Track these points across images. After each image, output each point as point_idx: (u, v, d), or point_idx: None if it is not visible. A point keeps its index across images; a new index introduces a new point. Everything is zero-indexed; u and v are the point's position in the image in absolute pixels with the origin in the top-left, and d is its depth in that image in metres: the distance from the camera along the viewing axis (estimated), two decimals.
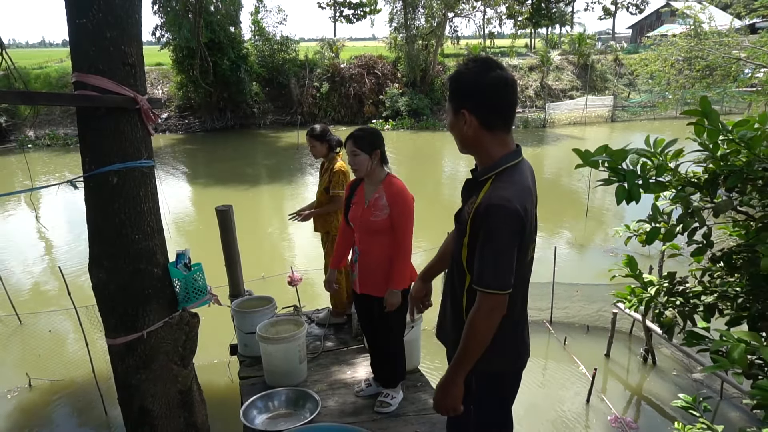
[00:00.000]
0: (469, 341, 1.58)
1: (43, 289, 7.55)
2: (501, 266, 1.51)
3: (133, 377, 2.15)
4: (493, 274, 1.51)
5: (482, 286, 1.54)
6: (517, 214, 1.49)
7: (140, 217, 2.12)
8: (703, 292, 1.40)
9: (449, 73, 1.69)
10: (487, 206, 1.51)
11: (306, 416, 2.89)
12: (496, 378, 1.76)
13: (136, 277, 2.13)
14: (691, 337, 1.29)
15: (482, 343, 1.58)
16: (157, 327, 2.14)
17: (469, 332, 1.58)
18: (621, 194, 1.21)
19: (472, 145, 1.65)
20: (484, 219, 1.52)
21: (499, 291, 1.52)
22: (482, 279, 1.53)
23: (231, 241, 4.01)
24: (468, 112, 1.58)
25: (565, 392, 4.92)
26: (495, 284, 1.52)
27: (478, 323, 1.56)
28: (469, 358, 1.60)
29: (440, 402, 1.69)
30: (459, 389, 1.64)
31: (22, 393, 4.99)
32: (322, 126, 3.94)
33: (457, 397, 1.65)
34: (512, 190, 1.52)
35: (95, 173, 1.99)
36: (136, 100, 2.00)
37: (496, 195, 1.51)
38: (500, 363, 1.73)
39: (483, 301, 1.55)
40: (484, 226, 1.52)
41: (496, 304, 1.54)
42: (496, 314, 1.55)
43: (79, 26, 1.92)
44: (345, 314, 4.17)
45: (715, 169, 1.16)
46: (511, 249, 1.52)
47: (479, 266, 1.54)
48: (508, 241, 1.51)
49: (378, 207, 2.70)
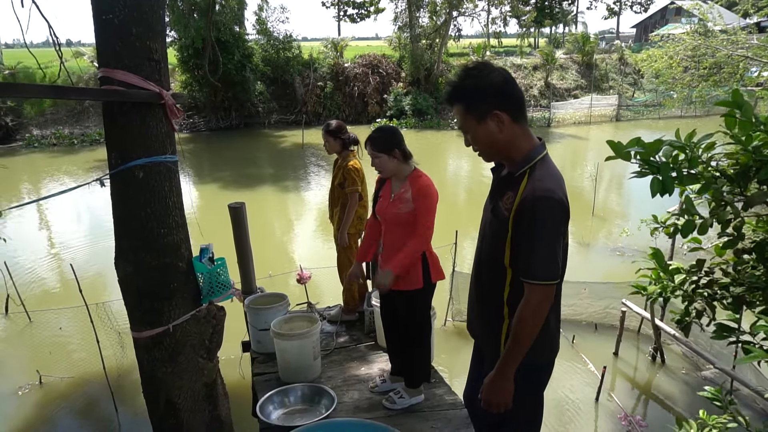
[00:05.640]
0: (520, 334, 1.58)
1: (49, 288, 7.59)
2: (550, 257, 1.52)
3: (159, 370, 2.17)
4: (543, 265, 1.52)
5: (532, 278, 1.54)
6: (562, 203, 1.52)
7: (165, 211, 2.15)
8: (731, 283, 1.41)
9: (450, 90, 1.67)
10: (533, 199, 1.52)
11: (322, 412, 2.91)
12: (538, 369, 1.77)
13: (161, 271, 2.16)
14: (721, 330, 1.30)
15: (532, 334, 1.58)
16: (183, 320, 2.16)
17: (519, 325, 1.58)
18: (656, 187, 1.21)
19: (505, 147, 1.65)
20: (531, 212, 1.52)
21: (549, 281, 1.53)
22: (531, 271, 1.54)
23: (244, 238, 4.03)
24: (500, 112, 1.59)
25: (575, 390, 4.92)
26: (545, 275, 1.53)
27: (527, 316, 1.56)
28: (520, 351, 1.60)
29: (492, 398, 1.69)
30: (510, 384, 1.65)
31: (33, 390, 5.02)
32: (338, 122, 3.94)
33: (509, 392, 1.66)
34: (552, 181, 1.55)
35: (122, 168, 2.01)
36: (161, 95, 2.03)
37: (540, 187, 1.53)
38: (544, 354, 1.74)
39: (533, 293, 1.55)
40: (531, 219, 1.53)
41: (547, 295, 1.55)
42: (546, 305, 1.56)
43: (105, 22, 1.95)
44: (356, 311, 4.19)
45: (746, 162, 1.17)
46: (558, 239, 1.54)
47: (528, 259, 1.55)
48: (556, 232, 1.53)
49: (403, 200, 2.72)
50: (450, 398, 3.14)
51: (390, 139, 2.73)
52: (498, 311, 1.69)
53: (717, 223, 1.22)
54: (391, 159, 2.71)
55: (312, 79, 24.17)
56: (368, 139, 2.77)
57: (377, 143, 2.71)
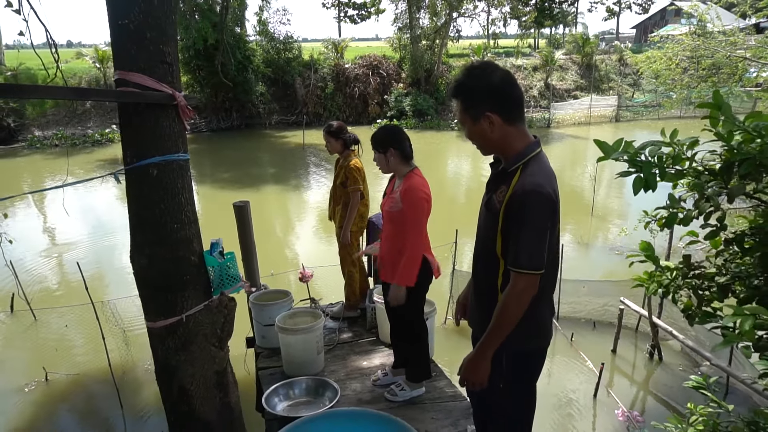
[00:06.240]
0: (501, 318, 1.67)
1: (52, 286, 7.66)
2: (535, 248, 1.61)
3: (173, 358, 2.27)
4: (528, 255, 1.61)
5: (517, 267, 1.63)
6: (550, 197, 1.61)
7: (178, 207, 2.24)
8: (717, 273, 1.50)
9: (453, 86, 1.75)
10: (522, 193, 1.61)
11: (325, 404, 2.99)
12: (525, 356, 1.84)
13: (175, 264, 2.25)
14: (704, 316, 1.38)
15: (513, 320, 1.67)
16: (195, 311, 2.26)
17: (502, 310, 1.67)
18: (638, 184, 1.29)
19: (498, 145, 1.74)
20: (519, 205, 1.62)
21: (532, 271, 1.62)
22: (517, 260, 1.63)
23: (248, 236, 4.12)
24: (492, 114, 1.67)
25: (573, 386, 5.00)
26: (529, 265, 1.61)
27: (510, 302, 1.65)
28: (499, 335, 1.69)
29: (469, 376, 1.79)
30: (487, 363, 1.74)
31: (39, 386, 5.09)
32: (339, 123, 4.03)
33: (485, 371, 1.75)
34: (542, 177, 1.63)
35: (137, 165, 2.10)
36: (174, 97, 2.12)
37: (530, 182, 1.62)
38: (531, 341, 1.82)
39: (517, 281, 1.64)
40: (519, 212, 1.62)
41: (529, 283, 1.63)
42: (528, 293, 1.64)
43: (122, 27, 2.04)
44: (358, 308, 4.27)
45: (729, 157, 1.26)
46: (544, 232, 1.62)
47: (515, 249, 1.64)
48: (542, 224, 1.62)
49: (393, 200, 2.81)
50: (450, 390, 3.22)
51: (387, 138, 2.82)
52: (492, 300, 1.77)
53: (698, 216, 1.31)
54: (387, 157, 2.80)
55: (313, 80, 24.27)
56: (371, 137, 2.89)
57: (374, 141, 2.84)
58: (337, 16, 41.22)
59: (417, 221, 2.73)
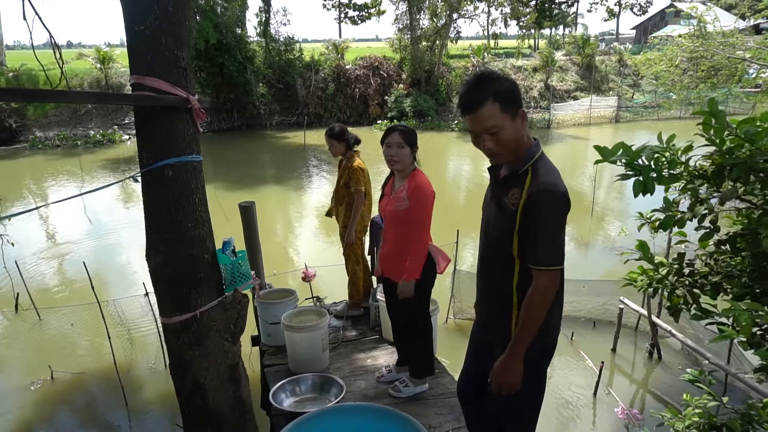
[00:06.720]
0: (529, 317, 1.71)
1: (54, 286, 7.71)
2: (556, 244, 1.67)
3: (187, 353, 2.34)
4: (550, 252, 1.66)
5: (539, 265, 1.67)
6: (565, 195, 1.68)
7: (192, 207, 2.32)
8: (709, 272, 1.56)
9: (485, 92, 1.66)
10: (539, 192, 1.66)
11: (331, 400, 3.05)
12: (542, 349, 1.88)
13: (189, 262, 2.33)
14: (699, 312, 1.45)
15: (540, 318, 1.71)
16: (209, 307, 2.33)
17: (529, 309, 1.71)
18: (638, 187, 1.36)
19: (520, 143, 1.77)
20: (537, 204, 1.66)
21: (555, 267, 1.67)
22: (540, 258, 1.67)
23: (253, 236, 4.17)
24: (523, 110, 1.74)
25: (573, 385, 5.05)
26: (552, 261, 1.66)
27: (536, 299, 1.69)
28: (529, 334, 1.73)
29: (503, 380, 1.79)
30: (520, 365, 1.77)
31: (45, 385, 5.13)
32: (341, 126, 4.12)
33: (518, 373, 1.77)
34: (555, 176, 1.71)
35: (153, 167, 2.17)
36: (188, 100, 2.19)
37: (545, 181, 1.68)
38: (549, 335, 1.87)
39: (541, 278, 1.68)
40: (538, 211, 1.66)
41: (554, 280, 1.68)
42: (553, 289, 1.69)
43: (138, 33, 2.11)
44: (361, 307, 4.34)
45: (721, 162, 1.32)
46: (562, 228, 1.69)
47: (536, 247, 1.67)
48: (560, 221, 1.68)
49: (399, 198, 2.88)
50: (453, 387, 3.28)
51: (415, 136, 2.92)
52: (507, 298, 1.82)
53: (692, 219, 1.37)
54: (411, 154, 2.88)
55: (313, 80, 24.33)
56: (396, 129, 2.89)
57: (406, 135, 2.86)
58: (338, 17, 41.27)
59: (423, 218, 2.82)
